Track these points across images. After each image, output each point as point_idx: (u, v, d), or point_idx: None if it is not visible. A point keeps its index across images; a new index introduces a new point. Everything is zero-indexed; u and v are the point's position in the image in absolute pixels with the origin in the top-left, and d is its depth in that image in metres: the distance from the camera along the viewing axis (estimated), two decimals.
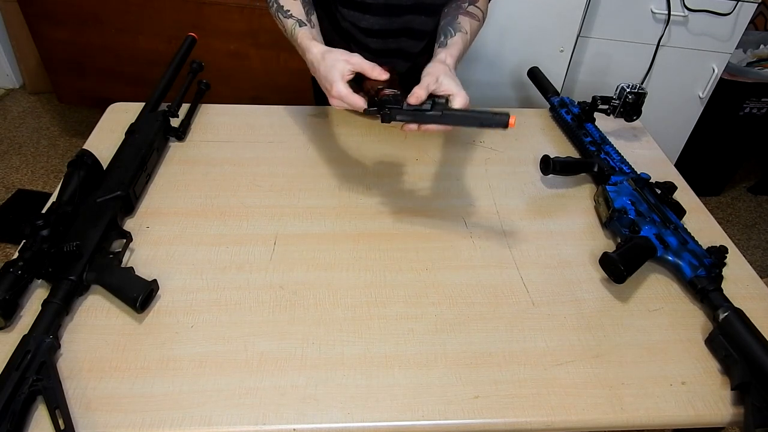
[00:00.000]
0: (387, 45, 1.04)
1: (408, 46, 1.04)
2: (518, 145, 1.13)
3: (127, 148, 0.95)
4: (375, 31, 1.01)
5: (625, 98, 1.09)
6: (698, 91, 1.84)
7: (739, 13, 1.65)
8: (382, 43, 1.03)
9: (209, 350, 0.71)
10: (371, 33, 1.02)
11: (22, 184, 2.09)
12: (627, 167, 1.00)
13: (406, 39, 1.03)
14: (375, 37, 1.02)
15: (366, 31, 1.02)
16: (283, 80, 1.81)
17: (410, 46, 1.04)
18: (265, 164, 1.03)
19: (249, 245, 0.86)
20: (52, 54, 1.88)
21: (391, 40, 1.03)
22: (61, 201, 0.82)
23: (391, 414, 0.66)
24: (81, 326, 0.73)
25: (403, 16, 1.00)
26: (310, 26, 0.90)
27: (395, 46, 1.04)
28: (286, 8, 0.92)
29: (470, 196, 0.99)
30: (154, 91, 1.05)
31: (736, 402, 0.69)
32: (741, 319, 0.73)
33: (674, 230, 0.87)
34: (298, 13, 0.92)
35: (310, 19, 0.92)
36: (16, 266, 0.72)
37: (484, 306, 0.79)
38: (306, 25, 0.90)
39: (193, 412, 0.64)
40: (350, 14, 1.00)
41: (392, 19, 1.00)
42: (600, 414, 0.67)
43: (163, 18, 1.73)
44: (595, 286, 0.83)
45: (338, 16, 1.02)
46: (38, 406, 0.63)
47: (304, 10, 0.93)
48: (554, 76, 1.73)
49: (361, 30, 1.02)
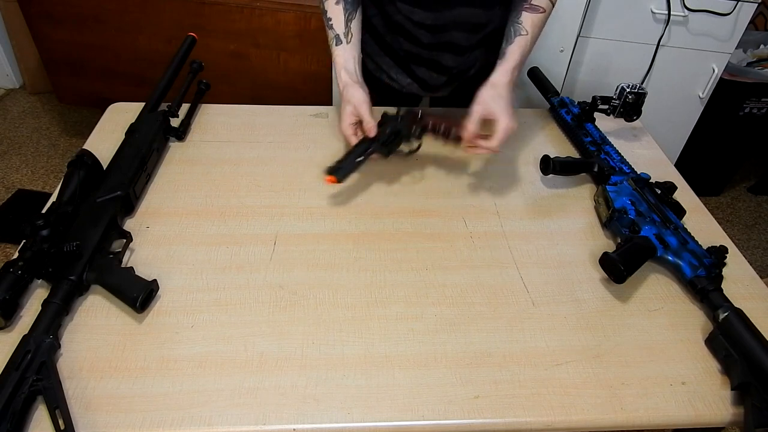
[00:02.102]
0: (438, 38, 1.04)
1: (459, 39, 1.03)
2: (518, 145, 1.13)
3: (127, 148, 0.95)
4: (427, 24, 1.02)
5: (625, 98, 1.09)
6: (698, 91, 1.84)
7: (739, 13, 1.65)
8: (433, 36, 1.04)
9: (209, 350, 0.71)
10: (423, 26, 1.02)
11: (22, 184, 2.09)
12: (627, 167, 1.00)
13: (457, 32, 1.02)
14: (427, 30, 1.03)
15: (418, 24, 1.02)
16: (283, 80, 1.81)
17: (461, 39, 1.03)
18: (265, 164, 1.03)
19: (249, 245, 0.86)
20: (52, 54, 1.88)
21: (443, 34, 1.03)
22: (61, 201, 0.82)
23: (391, 414, 0.66)
24: (81, 326, 0.73)
25: (454, 9, 0.99)
26: (346, 41, 0.98)
27: (446, 39, 1.04)
28: (329, 16, 0.99)
29: (470, 196, 0.99)
30: (154, 91, 1.05)
31: (736, 402, 0.69)
32: (741, 319, 0.73)
33: (674, 230, 0.87)
34: (338, 25, 0.98)
35: (349, 30, 0.98)
36: (16, 266, 0.72)
37: (484, 306, 0.79)
38: (342, 43, 0.98)
39: (193, 412, 0.64)
40: (403, 8, 1.02)
41: (443, 13, 1.00)
42: (600, 414, 0.67)
43: (163, 18, 1.73)
44: (595, 286, 0.83)
45: (391, 10, 1.04)
46: (38, 406, 0.63)
47: (344, 16, 0.98)
48: (554, 76, 1.73)
49: (414, 23, 1.03)
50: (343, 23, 0.98)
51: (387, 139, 0.93)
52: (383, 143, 0.93)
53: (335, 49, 0.98)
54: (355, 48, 0.99)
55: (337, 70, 0.98)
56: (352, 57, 0.98)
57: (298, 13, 1.65)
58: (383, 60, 1.13)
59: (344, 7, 0.98)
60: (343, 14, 0.98)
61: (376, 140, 0.92)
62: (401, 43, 1.07)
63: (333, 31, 0.99)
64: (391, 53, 1.11)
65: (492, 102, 0.90)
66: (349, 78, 0.95)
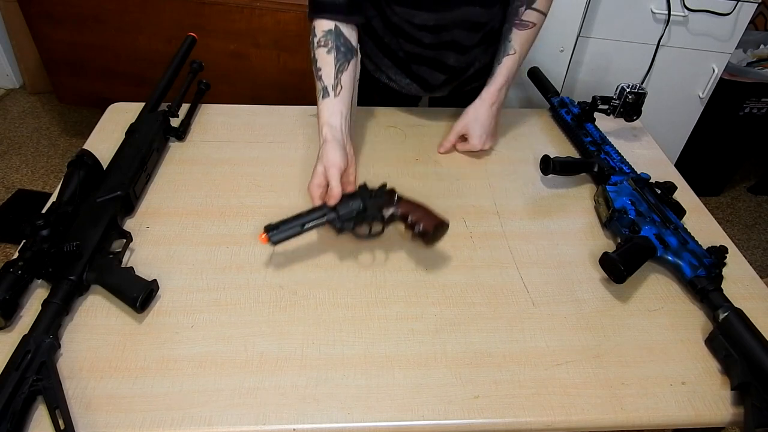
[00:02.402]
0: (440, 38, 1.03)
1: (462, 38, 1.03)
2: (518, 145, 1.13)
3: (127, 148, 0.95)
4: (430, 26, 1.01)
5: (625, 98, 1.09)
6: (698, 91, 1.83)
7: (739, 13, 1.65)
8: (435, 37, 1.03)
9: (209, 350, 0.71)
10: (425, 28, 1.02)
11: (22, 184, 2.08)
12: (627, 167, 1.00)
13: (460, 31, 1.02)
14: (429, 31, 1.02)
15: (420, 26, 1.02)
16: (283, 80, 1.81)
17: (464, 38, 1.03)
18: (265, 164, 1.03)
19: (249, 245, 0.86)
20: (52, 54, 1.88)
21: (445, 33, 1.03)
22: (61, 201, 0.82)
23: (391, 414, 0.66)
24: (81, 326, 0.73)
25: (457, 9, 0.99)
26: (334, 95, 0.91)
27: (449, 39, 1.04)
28: (319, 65, 0.93)
29: (470, 196, 0.99)
30: (154, 91, 1.05)
31: (736, 402, 0.69)
32: (741, 319, 0.73)
33: (674, 230, 0.87)
34: (327, 76, 0.92)
35: (339, 82, 0.92)
36: (16, 266, 0.72)
37: (484, 306, 0.79)
38: (329, 96, 0.91)
39: (193, 412, 0.64)
40: (403, 11, 1.00)
41: (445, 13, 1.00)
42: (600, 414, 0.67)
43: (163, 18, 1.72)
44: (595, 286, 0.83)
45: (389, 12, 1.02)
46: (38, 406, 0.63)
47: (335, 67, 0.92)
48: (554, 76, 1.73)
49: (415, 26, 1.02)
50: (333, 75, 0.92)
51: (348, 215, 0.82)
52: (342, 217, 0.82)
53: (321, 102, 0.92)
54: (343, 102, 0.92)
55: (320, 124, 0.90)
56: (339, 112, 0.91)
57: (298, 13, 1.65)
58: (382, 61, 1.13)
59: (336, 57, 0.92)
60: (334, 65, 0.92)
61: (335, 210, 0.82)
62: (401, 44, 1.07)
63: (321, 83, 0.92)
64: (390, 54, 1.11)
65: (472, 123, 1.05)
66: (331, 135, 0.87)
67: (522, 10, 1.00)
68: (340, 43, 0.93)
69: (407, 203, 0.84)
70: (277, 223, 0.79)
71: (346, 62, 0.93)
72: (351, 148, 0.91)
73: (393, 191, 0.85)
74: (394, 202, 0.84)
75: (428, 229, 0.81)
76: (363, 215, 0.83)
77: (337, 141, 0.87)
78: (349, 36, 0.94)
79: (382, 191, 0.85)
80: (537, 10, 1.00)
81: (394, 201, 0.84)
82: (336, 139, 0.87)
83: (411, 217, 0.82)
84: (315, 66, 0.93)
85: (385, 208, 0.84)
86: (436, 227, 0.81)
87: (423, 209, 0.83)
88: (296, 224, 0.79)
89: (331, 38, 0.93)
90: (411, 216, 0.82)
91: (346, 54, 0.94)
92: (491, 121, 1.06)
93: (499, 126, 1.11)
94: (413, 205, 0.84)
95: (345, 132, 0.90)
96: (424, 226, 0.81)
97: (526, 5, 1.00)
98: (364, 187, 0.86)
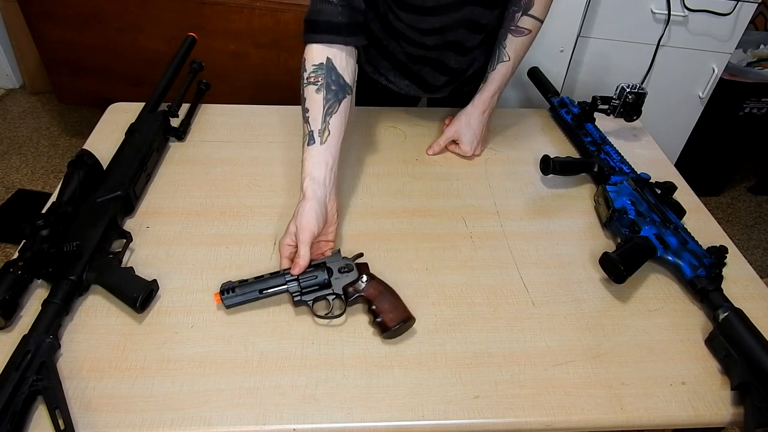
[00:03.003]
0: (444, 39, 1.02)
1: (465, 39, 1.02)
2: (518, 145, 1.13)
3: (127, 148, 0.95)
4: (436, 28, 0.99)
5: (625, 98, 1.09)
6: (698, 91, 1.83)
7: (739, 13, 1.65)
8: (439, 38, 1.01)
9: (209, 350, 0.71)
10: (431, 32, 1.00)
11: (22, 184, 2.08)
12: (627, 167, 1.00)
13: (464, 31, 1.01)
14: (434, 34, 1.01)
15: (426, 31, 1.00)
16: (283, 80, 1.81)
17: (466, 39, 1.02)
18: (265, 164, 1.03)
19: (249, 245, 0.86)
20: (52, 54, 1.88)
21: (449, 34, 1.01)
22: (61, 201, 0.82)
23: (391, 414, 0.66)
24: (81, 326, 0.73)
25: (462, 9, 0.96)
26: (320, 141, 0.84)
27: (452, 39, 1.02)
28: (307, 105, 0.85)
29: (470, 196, 0.99)
30: (154, 91, 1.05)
31: (736, 402, 0.69)
32: (741, 319, 0.73)
33: (674, 230, 0.87)
34: (314, 119, 0.84)
35: (326, 127, 0.84)
36: (16, 266, 0.72)
37: (484, 306, 0.79)
38: (315, 143, 0.84)
39: (193, 412, 0.64)
40: (410, 17, 0.97)
41: (451, 14, 0.97)
42: (600, 414, 0.67)
43: (163, 18, 1.72)
44: (595, 286, 0.83)
45: (391, 17, 0.99)
46: (38, 406, 0.63)
47: (324, 109, 0.85)
48: (554, 76, 1.73)
49: (420, 30, 1.00)
50: (320, 118, 0.84)
51: (310, 287, 0.75)
52: (303, 289, 0.75)
53: (306, 150, 0.84)
54: (330, 151, 0.84)
55: (302, 175, 0.82)
56: (324, 163, 0.83)
57: (298, 13, 1.65)
58: (381, 63, 1.12)
59: (326, 97, 0.85)
60: (323, 106, 0.84)
61: (296, 281, 0.75)
62: (402, 47, 1.06)
63: (307, 126, 0.85)
64: (389, 57, 1.10)
65: (464, 129, 1.06)
66: (311, 191, 0.80)
67: (518, 16, 1.00)
68: (331, 80, 0.85)
69: (377, 286, 0.76)
70: (234, 285, 0.75)
71: (336, 103, 0.85)
72: (335, 205, 0.84)
73: (364, 268, 0.78)
74: (362, 283, 0.76)
75: (388, 325, 0.72)
76: (325, 291, 0.76)
77: (318, 200, 0.80)
78: (343, 71, 0.87)
79: (352, 266, 0.77)
80: (533, 17, 1.00)
81: (363, 281, 0.76)
82: (316, 197, 0.80)
83: (375, 304, 0.74)
84: (303, 106, 0.86)
85: (351, 287, 0.76)
86: (399, 323, 0.72)
87: (391, 299, 0.74)
88: (254, 289, 0.75)
89: (322, 74, 0.85)
90: (375, 303, 0.74)
91: (337, 93, 0.86)
92: (482, 127, 1.07)
93: (489, 131, 1.11)
94: (381, 291, 0.75)
95: (329, 186, 0.83)
96: (385, 319, 0.72)
97: (523, 11, 1.00)
98: (335, 257, 0.78)
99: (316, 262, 0.78)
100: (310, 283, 0.75)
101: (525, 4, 0.99)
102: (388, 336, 0.73)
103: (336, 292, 0.76)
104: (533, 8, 0.99)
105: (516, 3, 1.00)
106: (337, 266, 0.77)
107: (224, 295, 0.74)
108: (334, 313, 0.75)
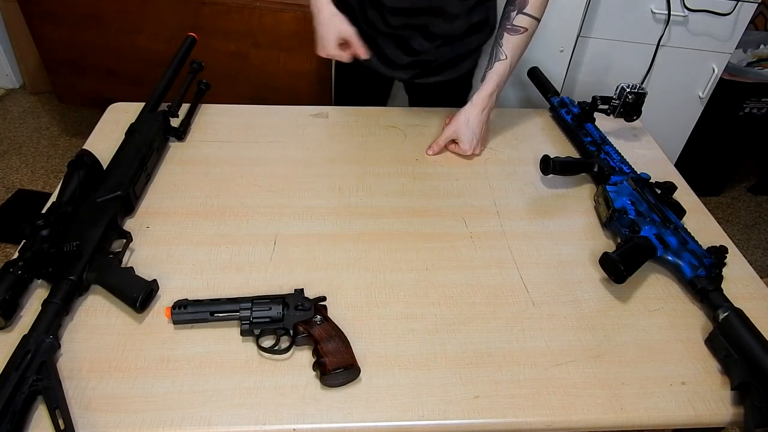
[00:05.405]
0: (410, 21, 1.05)
1: (431, 25, 1.04)
2: (518, 145, 1.13)
3: (127, 148, 0.95)
4: (399, 9, 1.02)
5: (625, 98, 1.09)
6: (698, 91, 1.83)
7: (739, 13, 1.65)
8: (405, 19, 1.05)
9: (209, 350, 0.71)
10: (396, 11, 1.03)
11: (22, 184, 2.08)
12: (627, 167, 1.00)
13: (430, 17, 1.03)
14: (399, 15, 1.04)
15: (391, 9, 1.03)
16: (283, 80, 1.81)
17: (434, 25, 1.04)
18: (265, 164, 1.03)
19: (249, 245, 0.86)
20: (52, 54, 1.88)
21: (415, 18, 1.04)
22: (61, 201, 0.82)
23: (391, 414, 0.66)
24: (81, 326, 0.73)
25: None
26: None
27: (418, 23, 1.05)
28: None
29: (470, 196, 0.99)
30: (154, 91, 1.05)
31: (736, 402, 0.69)
32: (741, 319, 0.73)
33: (674, 230, 0.87)
34: None
35: None
36: (16, 266, 0.72)
37: (484, 306, 0.79)
38: None
39: (193, 412, 0.64)
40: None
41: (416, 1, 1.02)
42: (600, 414, 0.67)
43: (163, 18, 1.72)
44: (595, 286, 0.83)
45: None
46: (38, 406, 0.63)
47: None
48: (554, 76, 1.73)
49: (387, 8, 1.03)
50: None
51: (261, 319, 0.73)
52: (254, 321, 0.72)
53: None
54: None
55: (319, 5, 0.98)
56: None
57: (298, 13, 1.65)
58: None
59: None
60: None
61: (249, 310, 0.73)
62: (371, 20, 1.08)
63: None
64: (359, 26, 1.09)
65: (463, 127, 1.06)
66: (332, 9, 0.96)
67: (514, 14, 1.00)
68: None
69: (328, 329, 0.72)
70: (188, 303, 0.73)
71: None
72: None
73: (322, 310, 0.75)
74: (315, 323, 0.72)
75: (328, 367, 0.68)
76: (276, 325, 0.73)
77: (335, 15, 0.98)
78: None
79: (310, 306, 0.74)
80: (529, 16, 1.01)
81: (317, 321, 0.72)
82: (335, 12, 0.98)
83: (320, 345, 0.70)
84: None
85: (302, 326, 0.72)
86: (339, 368, 0.68)
87: (338, 343, 0.71)
88: (206, 311, 0.73)
89: None
90: (321, 344, 0.70)
91: None
92: (481, 126, 1.07)
93: (489, 131, 1.11)
94: (331, 335, 0.71)
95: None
96: (326, 361, 0.68)
97: (518, 10, 1.00)
98: (297, 295, 0.76)
99: (273, 295, 0.76)
100: (263, 314, 0.73)
101: (520, 3, 1.00)
102: (327, 382, 0.68)
103: (285, 327, 0.72)
104: (528, 6, 1.00)
105: (511, 2, 1.00)
106: (294, 303, 0.74)
107: (175, 310, 0.72)
108: (280, 347, 0.72)
